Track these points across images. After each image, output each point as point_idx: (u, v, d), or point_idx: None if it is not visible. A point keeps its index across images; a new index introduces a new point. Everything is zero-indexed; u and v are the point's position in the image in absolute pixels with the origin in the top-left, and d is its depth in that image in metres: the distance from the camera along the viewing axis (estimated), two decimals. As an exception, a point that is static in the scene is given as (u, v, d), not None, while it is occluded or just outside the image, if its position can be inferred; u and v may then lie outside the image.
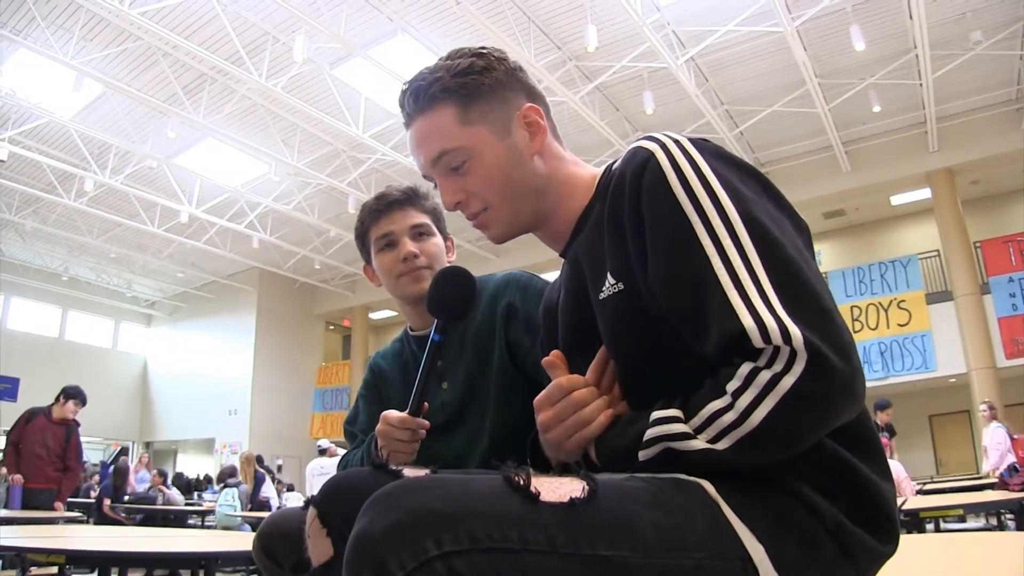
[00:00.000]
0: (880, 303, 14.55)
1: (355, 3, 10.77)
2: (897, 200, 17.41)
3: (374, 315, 24.17)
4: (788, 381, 0.96)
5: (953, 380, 14.58)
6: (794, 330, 0.96)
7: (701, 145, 1.16)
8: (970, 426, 15.59)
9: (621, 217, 1.18)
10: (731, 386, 0.99)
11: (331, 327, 25.91)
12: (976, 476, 12.13)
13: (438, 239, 2.02)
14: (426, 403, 1.61)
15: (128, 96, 12.63)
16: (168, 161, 14.83)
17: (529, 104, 1.35)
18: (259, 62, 11.68)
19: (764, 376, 0.97)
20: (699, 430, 1.01)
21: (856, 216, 18.24)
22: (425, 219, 2.01)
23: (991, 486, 8.44)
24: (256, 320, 22.25)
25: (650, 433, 1.06)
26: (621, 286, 1.18)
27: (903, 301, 14.46)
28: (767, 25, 10.80)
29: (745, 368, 0.99)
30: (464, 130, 1.31)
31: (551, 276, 1.94)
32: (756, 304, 1.00)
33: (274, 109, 13.66)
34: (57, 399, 7.71)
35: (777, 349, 0.97)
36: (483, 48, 1.37)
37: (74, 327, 23.79)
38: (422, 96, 1.34)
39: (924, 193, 15.65)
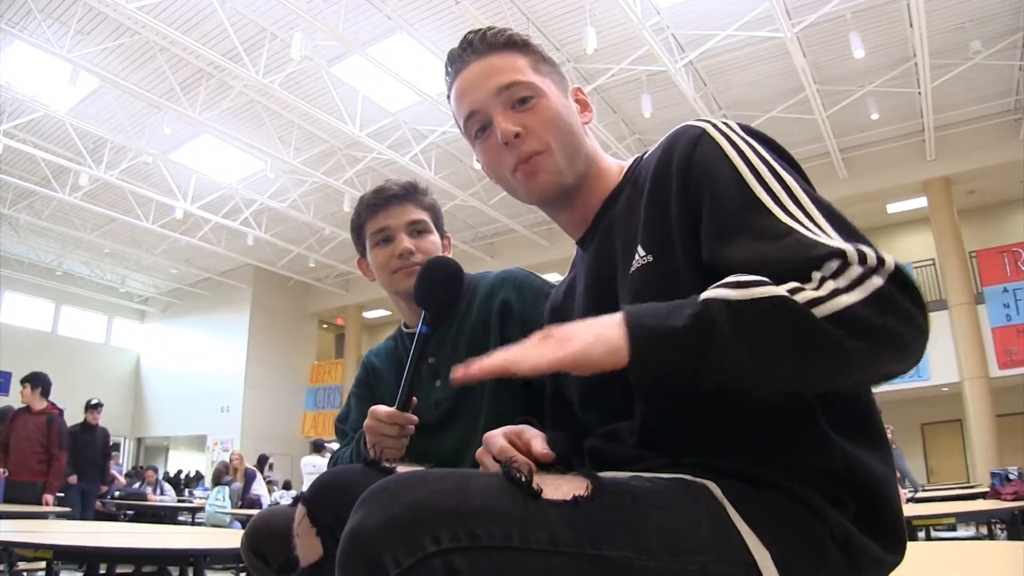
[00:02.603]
0: (875, 311, 14.55)
1: (354, 1, 10.74)
2: (893, 208, 17.46)
3: (368, 314, 24.14)
4: (877, 281, 0.92)
5: (946, 389, 14.61)
6: (885, 255, 0.94)
7: (745, 127, 1.19)
8: (962, 435, 15.62)
9: (666, 190, 1.17)
10: (817, 274, 0.94)
11: (324, 325, 25.87)
12: (968, 485, 12.13)
13: (435, 236, 1.99)
14: (415, 398, 1.58)
15: (124, 91, 12.57)
16: (164, 157, 14.78)
17: (576, 87, 1.43)
18: (256, 59, 11.65)
19: (855, 271, 0.93)
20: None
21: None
22: (423, 216, 1.98)
23: (983, 495, 8.44)
24: (250, 317, 22.24)
25: (717, 285, 0.96)
26: (651, 258, 1.16)
27: (897, 309, 14.44)
28: (767, 31, 10.80)
29: (834, 263, 0.95)
30: (536, 75, 1.35)
31: (546, 278, 1.92)
32: (842, 236, 0.99)
33: (271, 106, 13.63)
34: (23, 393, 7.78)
35: (866, 257, 0.94)
36: None
37: (67, 322, 23.70)
38: (497, 39, 1.37)
39: (920, 202, 15.70)
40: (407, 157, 14.15)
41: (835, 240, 0.98)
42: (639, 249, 1.18)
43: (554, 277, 1.69)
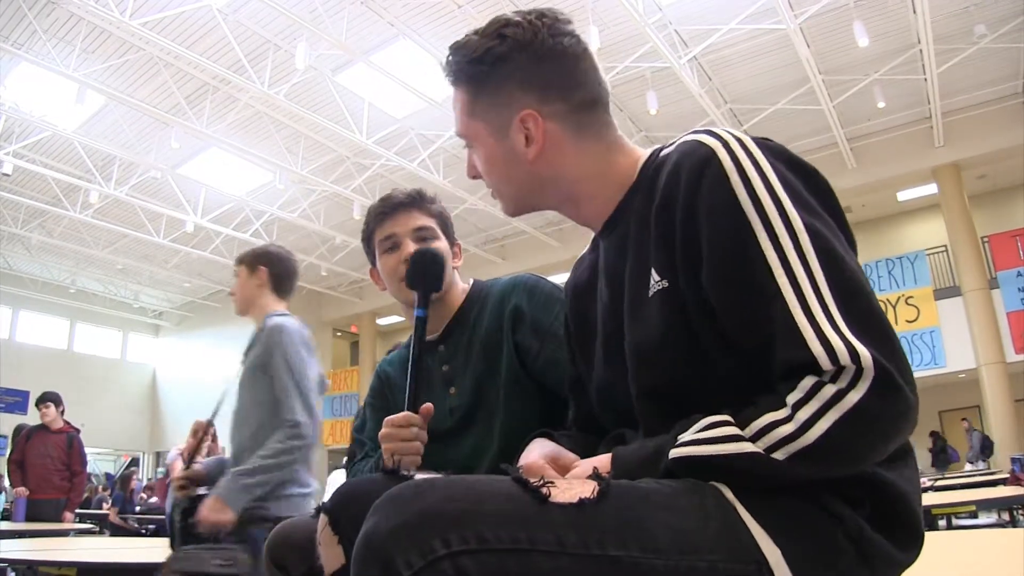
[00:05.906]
0: (888, 299, 14.48)
1: (356, 9, 10.78)
2: (903, 196, 17.37)
3: (381, 321, 24.14)
4: (853, 397, 0.93)
5: (963, 376, 14.53)
6: (862, 350, 0.93)
7: (764, 145, 1.12)
8: (980, 422, 15.51)
9: (672, 214, 1.12)
10: (792, 398, 0.96)
11: (339, 333, 25.92)
12: (988, 472, 12.07)
13: (443, 243, 1.99)
14: (430, 404, 1.57)
15: (131, 107, 12.65)
16: (172, 171, 14.87)
17: (528, 111, 1.26)
18: (261, 70, 11.70)
19: (829, 390, 0.94)
20: (754, 439, 0.97)
21: (862, 213, 18.17)
22: (430, 222, 1.99)
23: (1003, 481, 8.40)
24: (264, 328, 22.18)
25: (688, 435, 1.03)
26: (666, 283, 1.13)
27: (911, 297, 14.41)
28: (770, 23, 10.77)
29: (808, 381, 0.95)
30: (469, 121, 1.32)
31: (558, 279, 1.92)
32: (822, 324, 0.96)
33: (277, 117, 13.67)
34: (40, 410, 7.73)
35: (843, 368, 0.94)
36: (518, 20, 1.28)
37: (82, 339, 23.88)
38: (448, 71, 1.35)
39: (930, 188, 15.60)
40: (415, 163, 14.17)
41: (826, 328, 0.96)
42: (654, 273, 1.15)
43: (564, 278, 1.70)
